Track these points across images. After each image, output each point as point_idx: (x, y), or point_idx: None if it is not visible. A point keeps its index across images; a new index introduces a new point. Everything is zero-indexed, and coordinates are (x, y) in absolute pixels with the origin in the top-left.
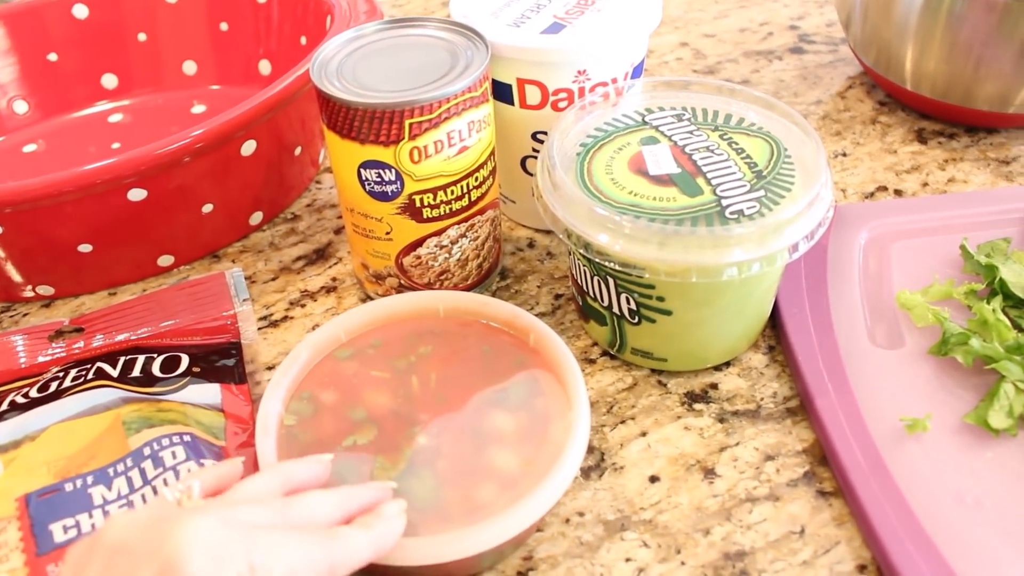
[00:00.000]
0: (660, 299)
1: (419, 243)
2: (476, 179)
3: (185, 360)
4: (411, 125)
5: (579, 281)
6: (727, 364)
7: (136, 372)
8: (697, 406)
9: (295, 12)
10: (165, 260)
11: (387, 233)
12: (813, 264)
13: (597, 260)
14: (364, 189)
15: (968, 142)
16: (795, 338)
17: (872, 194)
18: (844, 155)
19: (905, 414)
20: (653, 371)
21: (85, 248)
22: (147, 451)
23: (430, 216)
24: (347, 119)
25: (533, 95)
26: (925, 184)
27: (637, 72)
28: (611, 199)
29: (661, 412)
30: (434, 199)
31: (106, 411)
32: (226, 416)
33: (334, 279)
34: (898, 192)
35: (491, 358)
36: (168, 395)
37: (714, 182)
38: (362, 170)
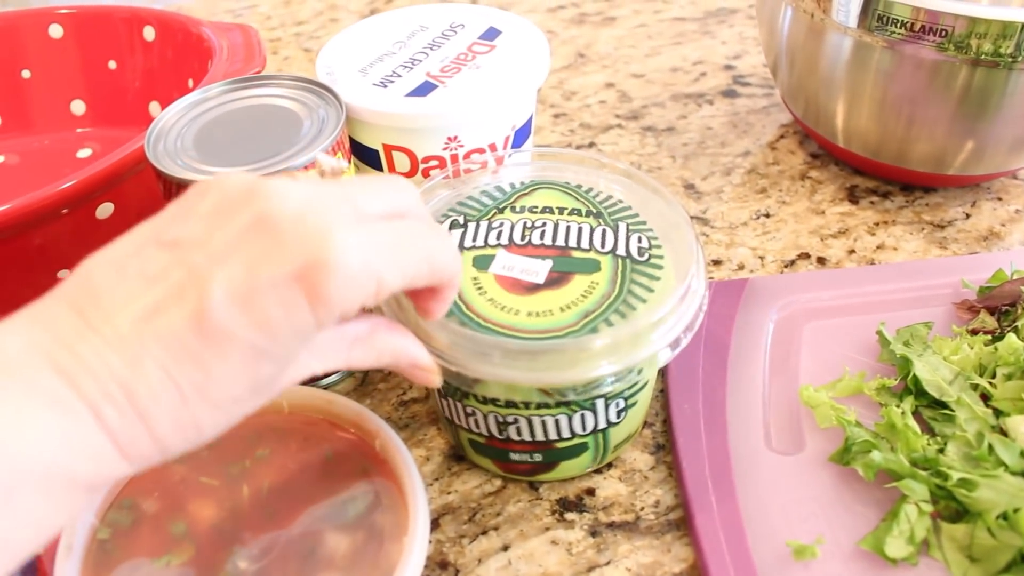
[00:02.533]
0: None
1: None
2: None
3: None
4: None
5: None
6: (608, 466)
7: None
8: (569, 515)
9: (181, 53)
10: None
11: None
12: (714, 348)
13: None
14: None
15: (903, 202)
16: (682, 439)
17: (793, 262)
18: (767, 216)
19: (797, 532)
20: None
21: None
22: None
23: None
24: (178, 195)
25: (401, 162)
26: (852, 251)
27: (523, 133)
28: (492, 323)
29: (528, 522)
30: None
31: None
32: None
33: None
34: (821, 260)
35: (333, 465)
36: None
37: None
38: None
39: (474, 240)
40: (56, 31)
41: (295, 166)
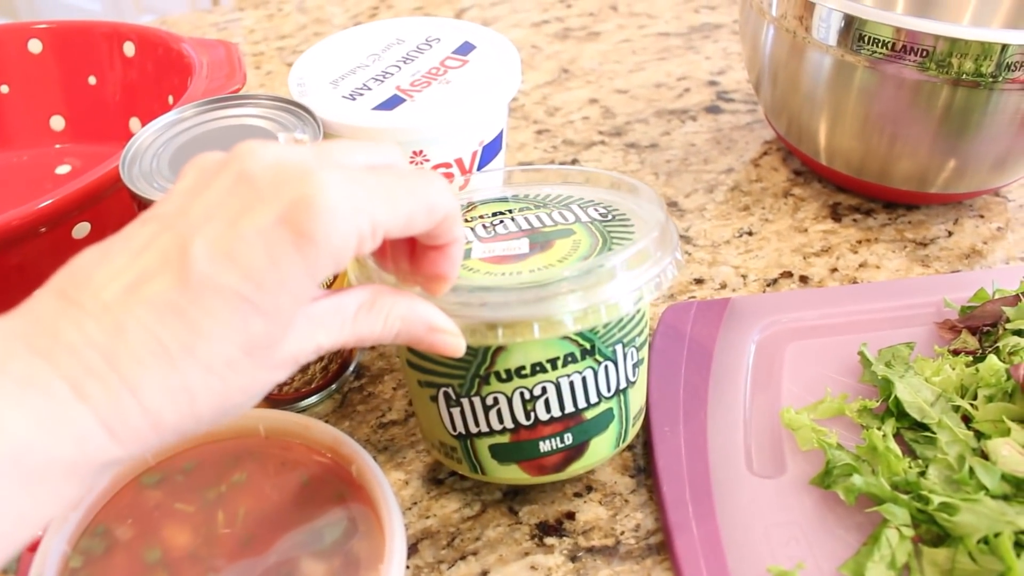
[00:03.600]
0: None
1: None
2: None
3: None
4: None
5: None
6: (589, 489)
7: None
8: (549, 540)
9: (161, 69)
10: None
11: None
12: (695, 368)
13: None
14: None
15: (885, 219)
16: (662, 461)
17: (775, 281)
18: (750, 234)
19: (778, 557)
20: (505, 495)
21: None
22: None
23: None
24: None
25: None
26: (834, 270)
27: (492, 149)
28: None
29: (508, 547)
30: None
31: None
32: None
33: None
34: (804, 279)
35: (310, 490)
36: None
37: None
38: None
39: None
40: (35, 46)
41: None
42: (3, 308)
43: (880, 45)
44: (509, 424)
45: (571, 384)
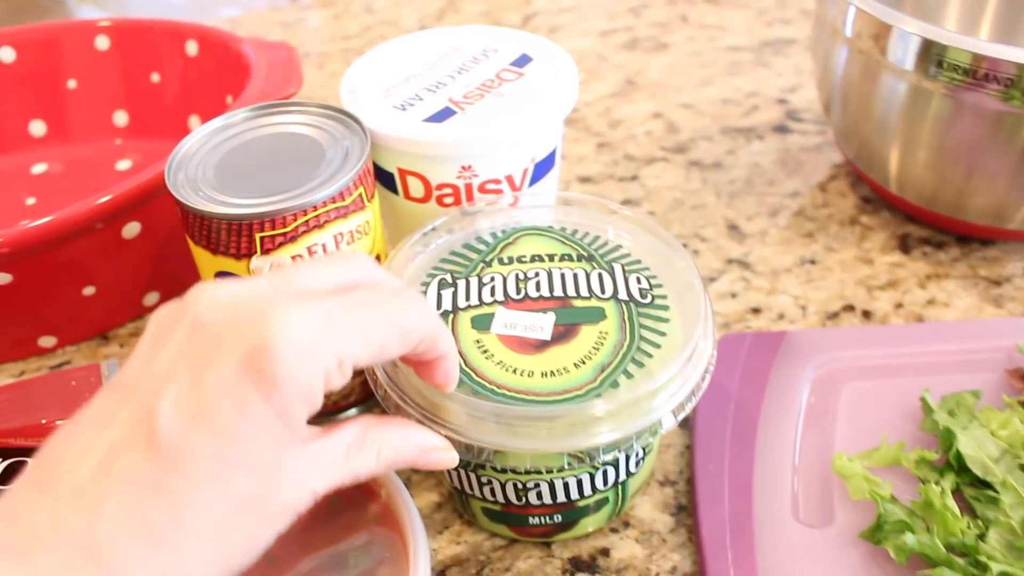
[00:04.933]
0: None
1: None
2: None
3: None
4: (262, 239)
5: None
6: (626, 525)
7: None
8: None
9: (221, 69)
10: (46, 341)
11: None
12: (746, 404)
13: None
14: None
15: (957, 254)
16: (703, 503)
17: (836, 314)
18: (812, 263)
19: None
20: None
21: None
22: None
23: None
24: (197, 226)
25: (416, 188)
26: (899, 305)
27: (544, 167)
28: (507, 389)
29: None
30: None
31: None
32: None
33: None
34: (866, 314)
35: (337, 511)
36: None
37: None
38: (219, 278)
39: (467, 299)
40: (102, 42)
41: (315, 200)
42: (49, 303)
43: (960, 72)
44: (500, 500)
45: (565, 484)
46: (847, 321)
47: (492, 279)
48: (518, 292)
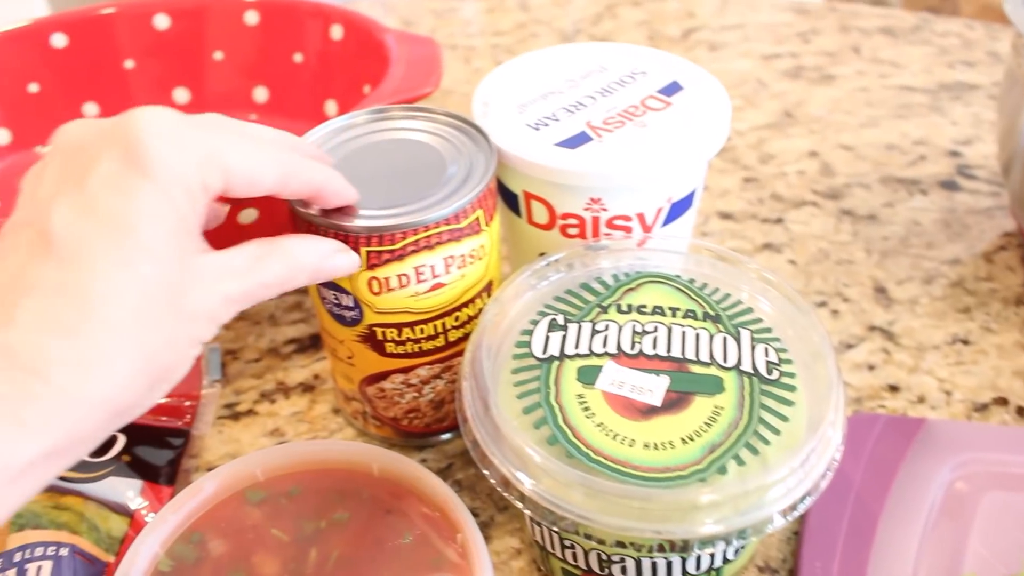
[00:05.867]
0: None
1: (383, 376)
2: (456, 319)
3: (120, 442)
4: (369, 254)
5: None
6: None
7: None
8: None
9: (362, 57)
10: None
11: (349, 358)
12: (868, 497)
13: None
14: (324, 307)
15: None
16: None
17: (985, 407)
18: (965, 343)
19: None
20: None
21: None
22: (18, 556)
23: (394, 352)
24: (304, 229)
25: (540, 214)
26: None
27: (680, 208)
28: (603, 456)
29: None
30: (399, 335)
31: None
32: (132, 525)
33: (316, 376)
34: (1021, 411)
35: (409, 549)
36: (80, 485)
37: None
38: (321, 287)
39: (577, 346)
40: (251, 17)
41: (427, 220)
42: None
43: None
44: (582, 566)
45: (653, 564)
46: (997, 417)
47: (606, 327)
48: (632, 347)
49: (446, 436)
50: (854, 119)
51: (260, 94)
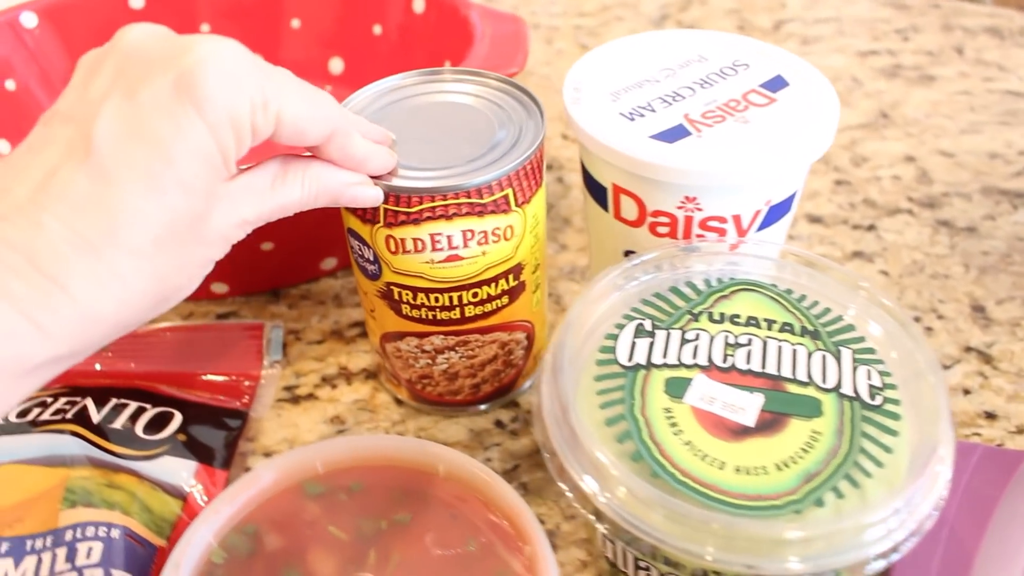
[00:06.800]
0: None
1: (399, 336)
2: (474, 295)
3: (176, 420)
4: (386, 212)
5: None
6: None
7: (118, 423)
8: None
9: (443, 32)
10: (219, 287)
11: (372, 311)
12: (962, 533)
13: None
14: (352, 256)
15: None
16: None
17: None
18: None
19: None
20: None
21: None
22: (69, 535)
23: (409, 315)
24: None
25: (629, 208)
26: None
27: (779, 211)
28: (692, 479)
29: None
30: (414, 299)
31: (60, 466)
32: (185, 509)
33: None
34: None
35: (473, 559)
36: (134, 463)
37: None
38: (349, 236)
39: (665, 356)
40: None
41: (442, 189)
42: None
43: None
44: None
45: None
46: None
47: (697, 337)
48: (724, 360)
49: (483, 407)
50: (954, 124)
51: (336, 65)
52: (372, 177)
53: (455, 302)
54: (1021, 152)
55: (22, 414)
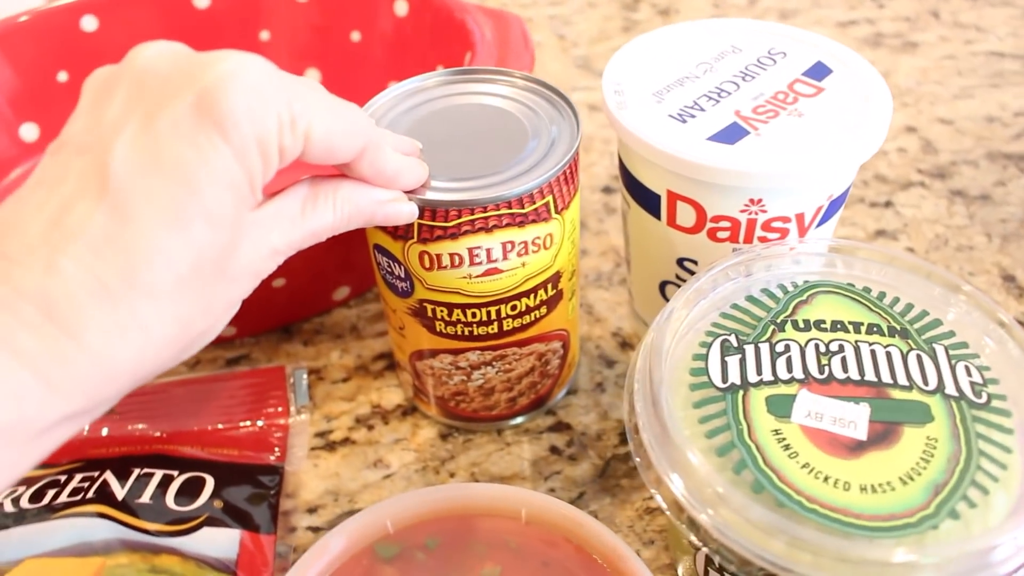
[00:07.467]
0: None
1: (432, 354)
2: (513, 308)
3: (209, 485)
4: (420, 227)
5: None
6: None
7: (146, 496)
8: None
9: (434, 36)
10: (226, 330)
11: (400, 328)
12: None
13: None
14: (379, 272)
15: None
16: None
17: None
18: None
19: None
20: None
21: None
22: None
23: (444, 332)
24: None
25: (686, 215)
26: None
27: (836, 206)
28: (818, 504)
29: None
30: (449, 315)
31: (92, 555)
32: None
33: None
34: None
35: None
36: (172, 540)
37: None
38: (376, 252)
39: (759, 372)
40: None
41: (483, 200)
42: None
43: None
44: None
45: None
46: None
47: (787, 348)
48: (820, 370)
49: (519, 420)
50: (946, 90)
51: (311, 76)
52: (405, 192)
53: (493, 316)
54: (1017, 113)
55: (36, 498)
